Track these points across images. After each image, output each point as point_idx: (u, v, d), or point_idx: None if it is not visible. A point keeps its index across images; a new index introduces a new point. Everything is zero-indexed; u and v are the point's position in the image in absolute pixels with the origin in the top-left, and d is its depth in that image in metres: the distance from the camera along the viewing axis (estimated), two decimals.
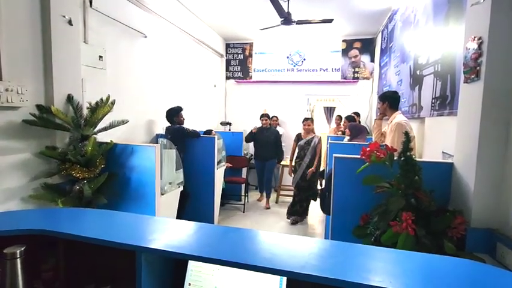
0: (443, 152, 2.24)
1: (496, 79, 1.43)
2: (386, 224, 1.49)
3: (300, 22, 3.98)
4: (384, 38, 4.81)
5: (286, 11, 3.77)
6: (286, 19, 3.84)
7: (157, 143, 3.20)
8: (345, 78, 5.97)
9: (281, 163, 5.06)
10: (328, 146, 3.07)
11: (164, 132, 3.54)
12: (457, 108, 1.80)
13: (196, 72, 5.13)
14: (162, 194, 2.56)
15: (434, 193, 1.60)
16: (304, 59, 6.14)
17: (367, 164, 1.68)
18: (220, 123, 6.00)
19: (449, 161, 1.81)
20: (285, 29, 4.69)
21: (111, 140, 2.35)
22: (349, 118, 4.59)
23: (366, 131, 3.83)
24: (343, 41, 5.94)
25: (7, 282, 0.85)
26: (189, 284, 0.91)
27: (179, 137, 3.39)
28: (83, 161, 2.09)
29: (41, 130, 2.05)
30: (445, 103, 2.24)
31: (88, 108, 2.27)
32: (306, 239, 0.99)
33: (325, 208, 2.81)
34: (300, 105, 6.18)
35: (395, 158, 1.64)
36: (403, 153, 1.59)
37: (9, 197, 1.90)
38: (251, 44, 6.36)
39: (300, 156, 4.15)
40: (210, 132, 4.04)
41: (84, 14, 2.56)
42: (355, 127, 3.69)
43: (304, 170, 4.09)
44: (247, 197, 4.76)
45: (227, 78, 6.53)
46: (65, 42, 2.18)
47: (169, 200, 2.80)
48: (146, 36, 3.49)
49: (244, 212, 4.51)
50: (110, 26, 2.93)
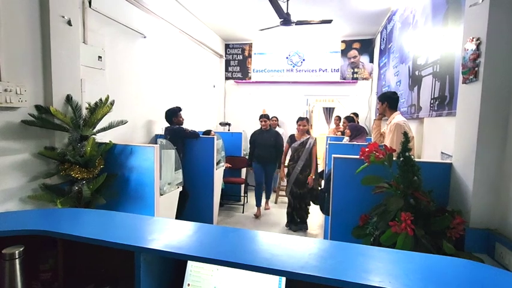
0: (442, 153, 2.25)
1: (494, 80, 1.43)
2: (385, 224, 1.50)
3: (299, 23, 3.99)
4: (383, 39, 4.82)
5: (285, 11, 3.78)
6: (286, 20, 3.85)
7: (156, 143, 3.20)
8: (344, 79, 5.98)
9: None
10: (327, 146, 3.07)
11: (164, 133, 3.54)
12: (456, 108, 1.81)
13: (196, 73, 5.13)
14: (161, 195, 2.56)
15: (433, 193, 1.60)
16: (304, 60, 6.15)
17: (366, 164, 1.69)
18: (220, 123, 6.00)
19: (448, 161, 1.81)
20: (284, 30, 4.69)
21: (110, 141, 2.35)
22: (349, 119, 4.60)
23: (366, 131, 3.84)
24: (342, 41, 5.95)
25: (6, 282, 0.85)
26: (188, 284, 0.91)
27: (178, 137, 3.39)
28: (82, 161, 2.08)
29: (40, 130, 2.04)
30: (444, 103, 2.24)
31: (87, 108, 2.27)
32: (305, 239, 0.99)
33: (324, 208, 2.81)
34: (300, 105, 6.19)
35: (394, 159, 1.65)
36: (402, 154, 1.59)
37: (8, 197, 1.89)
38: (250, 45, 6.36)
39: (294, 159, 3.81)
40: (209, 132, 4.04)
41: (83, 15, 2.56)
42: (355, 127, 3.71)
43: (298, 175, 3.75)
44: (246, 198, 4.76)
45: (226, 78, 6.53)
46: (64, 43, 2.18)
47: (168, 201, 2.80)
48: (145, 37, 3.49)
49: (243, 213, 4.51)
50: (110, 26, 2.93)
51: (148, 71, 3.64)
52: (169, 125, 3.54)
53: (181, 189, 3.04)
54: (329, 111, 9.23)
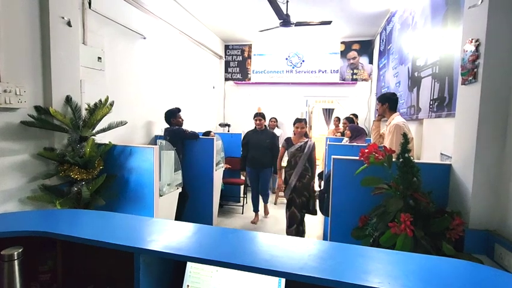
0: (441, 154, 2.25)
1: (493, 81, 1.44)
2: (385, 226, 1.50)
3: (298, 24, 3.99)
4: (383, 40, 4.83)
5: (285, 12, 3.79)
6: (285, 21, 3.86)
7: (156, 144, 3.20)
8: (344, 80, 5.99)
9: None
10: (327, 147, 3.07)
11: (163, 134, 3.54)
12: (455, 109, 1.81)
13: (195, 74, 5.14)
14: (161, 196, 2.56)
15: (433, 194, 1.60)
16: (303, 61, 6.16)
17: (365, 165, 1.69)
18: (219, 124, 6.00)
19: (447, 162, 1.82)
20: (283, 31, 4.70)
21: (110, 142, 2.35)
22: (349, 119, 4.61)
23: (365, 132, 3.85)
24: (341, 42, 5.96)
25: (5, 284, 0.85)
26: (188, 285, 0.91)
27: (178, 138, 3.39)
28: (81, 162, 2.08)
29: (39, 131, 2.04)
30: (443, 105, 2.25)
31: (86, 109, 2.27)
32: (304, 241, 0.99)
33: (324, 209, 2.81)
34: (299, 106, 6.20)
35: (394, 160, 1.65)
36: (401, 155, 1.59)
37: (7, 198, 1.89)
38: (250, 46, 6.37)
39: (290, 165, 3.33)
40: (209, 133, 4.05)
41: (83, 16, 2.56)
42: (355, 128, 3.73)
43: (295, 182, 3.29)
44: (246, 199, 4.75)
45: (226, 79, 6.53)
46: (63, 44, 2.18)
47: (167, 202, 2.79)
48: (145, 38, 3.49)
49: (242, 213, 4.50)
50: (109, 27, 2.93)
51: (148, 72, 3.64)
52: (169, 126, 3.54)
53: (180, 190, 3.04)
54: (328, 112, 9.25)
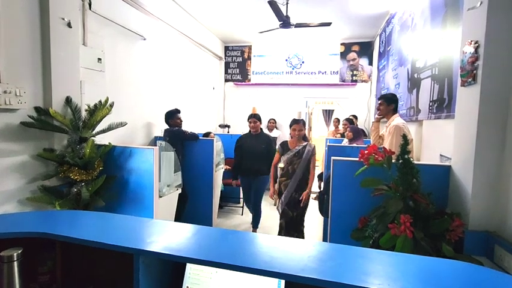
0: (441, 155, 2.25)
1: (492, 82, 1.44)
2: (385, 227, 1.50)
3: (298, 25, 4.00)
4: (382, 42, 4.84)
5: (285, 14, 3.79)
6: (285, 22, 3.87)
7: (156, 145, 3.19)
8: (344, 81, 6.00)
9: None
10: (327, 148, 3.07)
11: (163, 135, 3.54)
12: (454, 111, 1.82)
13: (195, 75, 5.14)
14: (160, 197, 2.56)
15: (432, 196, 1.60)
16: (303, 62, 6.17)
17: (365, 166, 1.69)
18: (219, 125, 6.00)
19: (447, 163, 1.82)
20: (283, 32, 4.71)
21: (109, 143, 2.35)
22: (349, 121, 4.63)
23: (364, 133, 3.86)
24: (341, 44, 5.97)
25: (4, 285, 0.85)
26: (187, 286, 0.91)
27: (177, 139, 3.39)
28: (81, 163, 2.08)
29: (39, 132, 2.04)
30: (443, 106, 2.25)
31: (86, 110, 2.27)
32: (304, 242, 0.99)
33: (323, 211, 2.81)
34: (299, 107, 6.21)
35: (393, 161, 1.65)
36: (401, 156, 1.59)
37: (7, 199, 1.89)
38: (250, 47, 6.38)
39: (287, 174, 2.87)
40: (209, 134, 4.05)
41: (83, 17, 2.56)
42: (356, 130, 3.74)
43: (292, 194, 2.84)
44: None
45: (226, 80, 6.54)
46: (64, 45, 2.18)
47: (167, 203, 2.79)
48: (145, 39, 3.50)
49: (242, 215, 4.50)
50: (109, 28, 2.94)
51: (148, 73, 3.65)
52: (168, 126, 3.54)
53: (180, 191, 3.03)
54: (328, 113, 9.27)
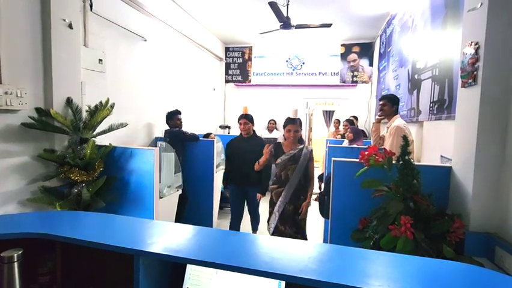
0: (442, 156, 2.25)
1: (493, 83, 1.44)
2: (385, 228, 1.49)
3: (299, 26, 4.01)
4: (383, 43, 4.85)
5: (285, 15, 3.80)
6: (286, 23, 3.87)
7: (156, 146, 3.20)
8: (344, 82, 6.00)
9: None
10: (327, 149, 3.07)
11: (163, 136, 3.54)
12: (455, 112, 1.81)
13: (196, 76, 5.15)
14: (161, 198, 2.55)
15: (433, 197, 1.60)
16: (304, 63, 6.17)
17: (366, 167, 1.69)
18: (220, 126, 6.01)
19: (448, 164, 1.81)
20: (284, 33, 4.72)
21: (110, 143, 2.35)
22: (350, 121, 4.63)
23: (365, 134, 3.86)
24: (342, 45, 5.98)
25: (4, 286, 0.85)
26: (187, 287, 0.91)
27: (178, 140, 3.39)
28: (81, 164, 2.08)
29: (40, 133, 2.04)
30: (443, 107, 2.25)
31: (87, 111, 2.27)
32: (305, 243, 0.99)
33: (324, 212, 2.80)
34: (299, 108, 6.20)
35: (394, 162, 1.65)
36: (402, 157, 1.59)
37: (7, 200, 1.89)
38: (250, 48, 6.39)
39: (280, 181, 2.47)
40: (209, 135, 4.05)
41: (84, 18, 2.57)
42: (356, 130, 3.75)
43: (285, 206, 2.42)
44: None
45: (226, 81, 6.55)
46: (65, 46, 2.18)
47: (167, 204, 2.79)
48: (146, 40, 3.50)
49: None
50: (110, 29, 2.94)
51: (149, 74, 3.65)
52: (169, 127, 3.54)
53: (180, 192, 3.03)
54: (328, 114, 9.26)
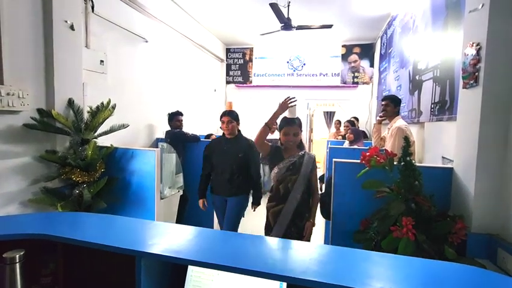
0: (443, 157, 2.24)
1: (494, 84, 1.44)
2: (386, 229, 1.49)
3: (300, 27, 4.01)
4: (384, 44, 4.84)
5: (286, 16, 3.81)
6: (286, 24, 3.88)
7: (157, 147, 3.20)
8: (345, 83, 6.00)
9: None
10: (328, 150, 3.07)
11: (164, 136, 3.55)
12: (456, 113, 1.81)
13: (197, 77, 5.16)
14: (162, 198, 2.56)
15: (434, 198, 1.59)
16: (304, 64, 6.18)
17: (367, 168, 1.68)
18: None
19: (449, 166, 1.81)
20: (285, 34, 4.73)
21: (111, 144, 2.36)
22: (351, 122, 4.63)
23: (365, 135, 3.86)
24: (342, 46, 5.98)
25: (6, 287, 0.85)
26: None
27: (179, 141, 3.40)
28: (83, 165, 2.08)
29: (42, 134, 2.05)
30: (444, 108, 2.25)
31: (88, 112, 2.28)
32: (306, 244, 0.98)
33: (325, 213, 2.80)
34: (300, 109, 6.21)
35: (395, 163, 1.64)
36: (403, 158, 1.59)
37: (9, 201, 1.89)
38: (251, 49, 6.40)
39: (278, 197, 1.98)
40: (210, 136, 4.05)
41: (86, 19, 2.58)
42: (356, 131, 3.75)
43: (287, 229, 1.95)
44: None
45: (227, 82, 6.56)
46: (66, 47, 2.19)
47: (168, 204, 2.79)
48: (147, 41, 3.51)
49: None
50: (112, 31, 2.95)
51: (150, 75, 3.66)
52: (170, 128, 3.55)
53: (181, 193, 3.04)
54: (329, 115, 9.26)
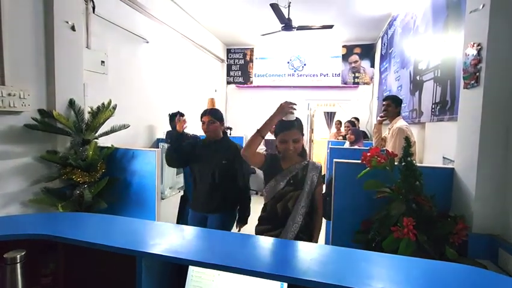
0: (444, 157, 2.24)
1: (495, 85, 1.43)
2: (387, 230, 1.49)
3: (300, 28, 4.01)
4: (384, 44, 4.84)
5: (286, 17, 3.81)
6: (287, 25, 3.88)
7: (158, 147, 3.20)
8: (346, 84, 6.00)
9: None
10: (329, 151, 3.06)
11: (165, 137, 3.55)
12: (457, 113, 1.81)
13: (197, 77, 5.16)
14: (162, 199, 2.56)
15: (435, 198, 1.59)
16: (305, 64, 6.18)
17: (368, 169, 1.68)
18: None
19: (450, 166, 1.81)
20: (285, 35, 4.73)
21: (112, 145, 2.36)
22: (351, 123, 4.62)
23: (366, 135, 3.86)
24: (343, 46, 5.98)
25: (7, 287, 0.85)
26: None
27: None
28: (84, 165, 2.09)
29: (42, 134, 2.05)
30: (445, 108, 2.24)
31: (89, 112, 2.28)
32: (307, 245, 0.98)
33: (325, 213, 2.80)
34: (301, 110, 6.21)
35: (396, 163, 1.64)
36: (404, 158, 1.59)
37: (10, 201, 1.90)
38: (252, 49, 6.40)
39: (275, 219, 1.66)
40: None
41: (87, 20, 2.58)
42: (357, 132, 3.75)
43: None
44: None
45: (228, 83, 6.56)
46: (67, 48, 2.19)
47: (169, 205, 2.79)
48: (148, 42, 3.52)
49: None
50: (113, 31, 2.96)
51: (150, 75, 3.67)
52: (171, 128, 3.55)
53: (182, 193, 3.04)
54: (330, 115, 9.26)
